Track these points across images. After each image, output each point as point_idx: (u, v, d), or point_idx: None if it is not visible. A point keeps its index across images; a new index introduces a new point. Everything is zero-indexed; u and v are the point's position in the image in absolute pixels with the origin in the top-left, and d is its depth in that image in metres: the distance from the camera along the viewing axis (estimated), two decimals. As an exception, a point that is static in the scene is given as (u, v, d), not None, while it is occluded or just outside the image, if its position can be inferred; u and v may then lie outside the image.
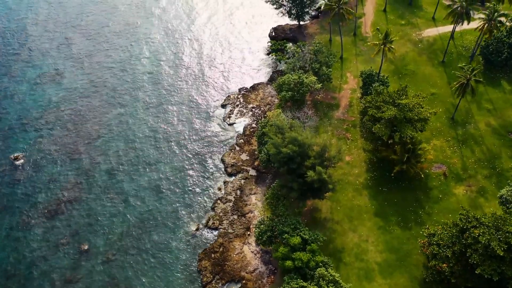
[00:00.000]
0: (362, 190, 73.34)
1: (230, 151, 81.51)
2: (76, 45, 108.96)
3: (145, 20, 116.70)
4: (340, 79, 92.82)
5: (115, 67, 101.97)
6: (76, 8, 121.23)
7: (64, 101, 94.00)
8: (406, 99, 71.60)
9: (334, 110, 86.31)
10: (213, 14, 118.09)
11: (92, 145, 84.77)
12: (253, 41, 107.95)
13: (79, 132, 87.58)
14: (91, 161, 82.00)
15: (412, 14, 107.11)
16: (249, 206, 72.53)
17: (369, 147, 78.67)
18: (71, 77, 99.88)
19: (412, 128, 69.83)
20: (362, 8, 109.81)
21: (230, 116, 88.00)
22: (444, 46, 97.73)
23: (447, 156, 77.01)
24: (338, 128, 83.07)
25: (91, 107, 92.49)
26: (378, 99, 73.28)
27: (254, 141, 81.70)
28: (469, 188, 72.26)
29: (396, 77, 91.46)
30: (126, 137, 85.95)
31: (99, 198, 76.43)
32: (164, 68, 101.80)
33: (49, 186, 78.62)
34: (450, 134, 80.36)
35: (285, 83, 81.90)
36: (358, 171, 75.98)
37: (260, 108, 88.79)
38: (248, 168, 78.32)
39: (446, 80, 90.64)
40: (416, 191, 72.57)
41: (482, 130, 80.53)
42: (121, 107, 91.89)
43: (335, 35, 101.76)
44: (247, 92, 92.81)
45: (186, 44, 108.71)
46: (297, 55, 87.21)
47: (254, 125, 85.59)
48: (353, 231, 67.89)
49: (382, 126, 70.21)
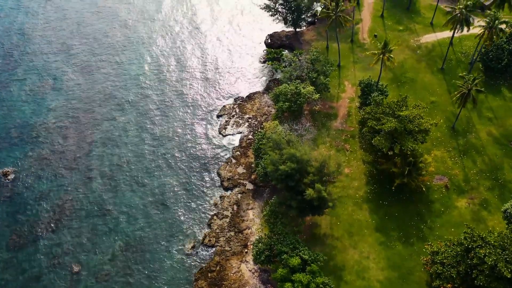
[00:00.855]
0: (362, 204, 71.44)
1: (226, 164, 79.36)
2: (70, 54, 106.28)
3: (140, 30, 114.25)
4: (338, 87, 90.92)
5: (106, 78, 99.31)
6: (72, 15, 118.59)
7: (56, 113, 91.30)
8: (406, 110, 69.82)
9: (332, 120, 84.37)
10: (207, 22, 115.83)
11: (84, 159, 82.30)
12: (249, 48, 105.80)
13: (71, 145, 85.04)
14: (83, 176, 79.56)
15: (410, 19, 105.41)
16: (246, 222, 70.43)
17: (368, 159, 76.86)
18: (63, 87, 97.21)
19: (413, 140, 68.05)
20: (359, 13, 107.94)
21: (226, 127, 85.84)
22: (442, 53, 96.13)
23: (448, 167, 75.27)
24: (336, 139, 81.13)
25: (83, 119, 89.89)
26: (378, 110, 71.43)
27: (251, 153, 79.61)
28: (471, 200, 70.55)
29: (394, 85, 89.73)
30: (119, 151, 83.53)
31: (91, 215, 74.04)
32: (158, 79, 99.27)
33: (40, 203, 76.10)
34: (451, 144, 78.64)
35: (281, 93, 79.91)
36: (358, 183, 74.08)
37: (256, 119, 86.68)
38: (245, 181, 76.22)
39: (446, 88, 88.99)
40: (417, 204, 70.79)
41: (484, 139, 78.88)
42: (113, 120, 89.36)
43: (332, 41, 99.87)
44: (243, 102, 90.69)
45: (181, 53, 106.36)
46: (293, 64, 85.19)
47: (250, 136, 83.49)
48: (354, 247, 65.99)
49: (382, 138, 68.38)
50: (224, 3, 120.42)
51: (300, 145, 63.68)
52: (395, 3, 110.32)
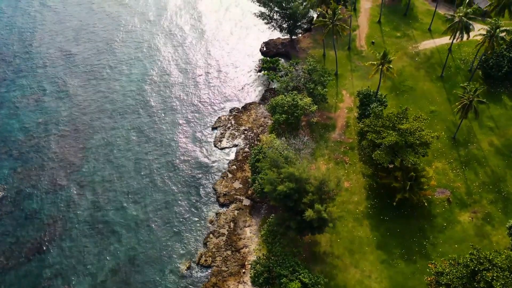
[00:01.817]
0: (362, 219, 69.35)
1: (222, 178, 76.98)
2: (60, 65, 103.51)
3: (132, 38, 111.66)
4: (336, 97, 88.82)
5: (100, 89, 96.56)
6: (67, 21, 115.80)
7: (46, 126, 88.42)
8: (406, 123, 67.84)
9: (330, 131, 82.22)
10: (201, 30, 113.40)
11: (75, 175, 79.59)
12: (244, 56, 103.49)
13: (62, 160, 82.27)
14: (74, 193, 76.86)
15: (408, 25, 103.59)
16: (244, 241, 68.10)
17: (368, 172, 74.84)
18: (54, 99, 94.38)
19: (414, 154, 66.09)
20: (356, 19, 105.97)
21: (222, 140, 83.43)
22: (441, 59, 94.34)
23: (450, 179, 73.36)
24: (335, 151, 79.01)
25: (74, 132, 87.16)
26: (378, 123, 69.42)
27: (247, 167, 77.31)
28: (474, 215, 68.66)
29: (393, 94, 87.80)
30: (111, 166, 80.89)
31: (82, 234, 71.38)
32: (152, 89, 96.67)
33: (30, 221, 73.33)
34: (452, 156, 76.76)
35: (278, 105, 77.70)
36: (358, 198, 71.99)
37: (252, 131, 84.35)
38: (242, 197, 73.86)
39: (446, 96, 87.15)
40: (419, 219, 68.78)
41: (485, 150, 77.06)
42: (106, 133, 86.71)
43: (329, 49, 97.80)
44: (239, 113, 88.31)
45: (174, 64, 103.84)
46: (290, 74, 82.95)
47: (247, 149, 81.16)
48: (355, 266, 63.84)
49: (382, 152, 66.38)
50: (217, 11, 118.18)
51: (298, 161, 61.41)
52: (392, 9, 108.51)
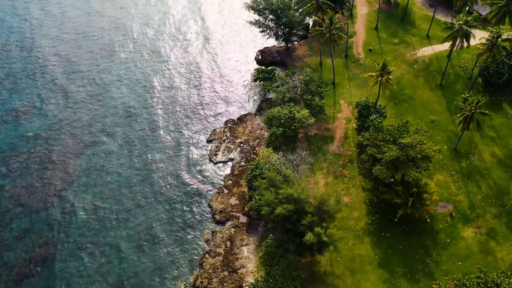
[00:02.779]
0: (363, 236, 67.18)
1: (218, 194, 74.51)
2: (50, 77, 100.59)
3: (123, 47, 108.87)
4: (333, 107, 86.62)
5: (90, 102, 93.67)
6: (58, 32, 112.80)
7: (36, 141, 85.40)
8: (407, 137, 65.78)
9: (328, 143, 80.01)
10: (195, 38, 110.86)
11: (64, 193, 76.75)
12: (239, 65, 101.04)
13: (52, 177, 79.35)
14: (64, 212, 74.05)
15: (405, 31, 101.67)
16: (241, 260, 65.69)
17: (368, 186, 72.75)
18: (43, 113, 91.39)
19: (416, 169, 64.06)
20: (353, 26, 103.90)
21: (217, 154, 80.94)
22: (440, 66, 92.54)
23: (452, 193, 71.40)
24: (334, 164, 76.81)
25: (65, 147, 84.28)
26: (378, 136, 67.33)
27: (244, 182, 74.92)
28: (478, 230, 66.74)
29: (392, 103, 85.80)
30: (103, 182, 78.10)
31: (73, 255, 68.59)
32: (144, 101, 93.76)
33: (19, 243, 70.43)
34: (454, 168, 74.81)
35: (275, 117, 75.44)
36: (358, 214, 69.83)
37: (248, 143, 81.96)
38: (238, 214, 71.46)
39: (445, 105, 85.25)
40: (421, 236, 66.72)
41: (487, 161, 75.19)
42: (96, 147, 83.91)
43: (325, 56, 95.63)
44: (234, 125, 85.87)
45: (168, 72, 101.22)
46: (286, 85, 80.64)
47: (243, 163, 78.74)
48: (356, 286, 61.61)
49: (383, 167, 64.29)
50: (210, 18, 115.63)
51: (296, 180, 59.11)
52: (389, 14, 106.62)
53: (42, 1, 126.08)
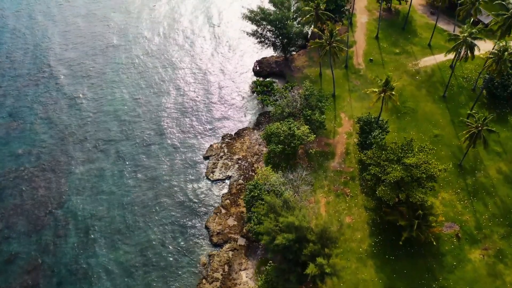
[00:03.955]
0: (366, 259, 64.59)
1: (215, 215, 71.71)
2: (41, 89, 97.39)
3: (117, 58, 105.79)
4: (334, 120, 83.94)
5: (82, 116, 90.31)
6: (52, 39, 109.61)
7: (25, 158, 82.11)
8: (412, 156, 63.21)
9: (329, 159, 77.35)
10: (190, 49, 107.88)
11: (55, 214, 73.74)
12: (236, 76, 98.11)
13: (42, 196, 76.23)
14: (54, 234, 71.00)
15: (406, 40, 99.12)
16: (239, 286, 62.97)
17: (371, 205, 70.19)
18: (34, 127, 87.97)
19: (421, 189, 61.52)
20: (353, 35, 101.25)
21: (214, 171, 78.11)
22: (443, 77, 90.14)
23: (458, 212, 68.93)
24: (335, 182, 74.16)
25: (56, 164, 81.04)
26: (381, 156, 64.74)
27: (242, 201, 72.17)
28: (485, 252, 64.31)
29: (394, 116, 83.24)
30: (95, 202, 75.09)
31: (64, 281, 65.61)
32: (137, 115, 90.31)
33: (8, 267, 67.37)
34: (459, 185, 72.34)
35: (274, 134, 72.75)
36: (361, 235, 67.22)
37: (247, 160, 79.17)
38: (236, 236, 68.69)
39: (449, 118, 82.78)
40: (427, 258, 64.22)
41: (494, 178, 72.78)
42: (89, 164, 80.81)
43: (325, 67, 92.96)
44: (232, 140, 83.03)
45: (161, 84, 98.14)
46: (285, 100, 77.90)
47: (241, 181, 75.97)
48: (360, 314, 59.20)
49: (387, 188, 61.75)
50: (206, 28, 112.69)
51: (297, 204, 56.40)
52: (390, 23, 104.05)
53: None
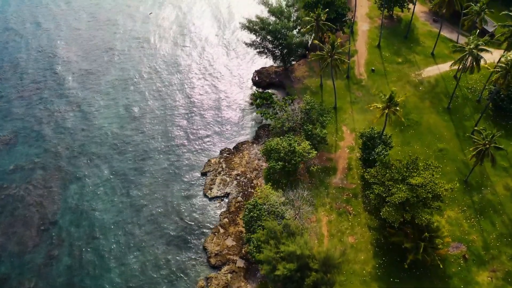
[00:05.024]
0: (370, 282, 62.19)
1: (213, 234, 69.23)
2: (34, 103, 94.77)
3: (112, 71, 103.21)
4: (335, 134, 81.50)
5: (75, 131, 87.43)
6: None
7: (17, 174, 79.49)
8: (417, 175, 60.82)
9: (331, 175, 74.91)
10: (187, 59, 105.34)
11: (49, 232, 71.15)
12: (234, 87, 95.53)
13: (34, 214, 73.66)
14: (47, 256, 68.44)
15: (409, 49, 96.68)
16: (239, 312, 60.62)
17: (375, 224, 67.79)
18: (27, 142, 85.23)
19: (427, 210, 59.16)
20: (354, 44, 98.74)
21: (212, 188, 75.58)
22: (447, 88, 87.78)
23: (464, 231, 66.57)
24: (337, 199, 71.72)
25: (48, 181, 78.38)
26: (385, 175, 62.34)
27: (240, 220, 69.72)
28: (493, 274, 61.96)
29: (398, 130, 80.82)
30: (88, 221, 72.43)
31: (56, 306, 63.30)
32: (132, 129, 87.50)
33: (-4, 292, 65.10)
34: (466, 202, 69.97)
35: (273, 150, 70.31)
36: (365, 256, 64.80)
37: (245, 176, 76.69)
38: (235, 257, 66.23)
39: (454, 131, 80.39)
40: (433, 280, 61.85)
41: (501, 195, 70.43)
42: (82, 181, 78.23)
43: (326, 78, 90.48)
44: (230, 155, 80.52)
45: (157, 94, 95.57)
46: (285, 114, 75.42)
47: (240, 198, 73.50)
48: None
49: (391, 209, 59.37)
50: (204, 37, 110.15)
51: (298, 229, 53.96)
52: (392, 31, 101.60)
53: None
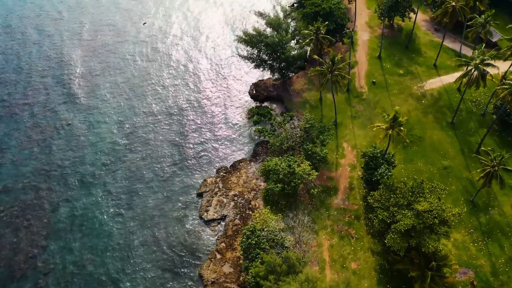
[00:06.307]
0: (375, 312, 59.49)
1: (210, 260, 66.17)
2: (23, 117, 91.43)
3: (101, 86, 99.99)
4: (336, 151, 78.58)
5: (63, 147, 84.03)
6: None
7: (4, 196, 76.24)
8: (423, 200, 58.01)
9: (332, 196, 72.01)
10: (184, 72, 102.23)
11: (37, 260, 67.83)
12: (231, 101, 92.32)
13: (22, 240, 70.32)
14: (36, 283, 65.14)
15: (411, 60, 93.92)
16: None
17: (378, 248, 64.97)
18: (14, 160, 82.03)
19: (434, 237, 56.38)
20: (354, 54, 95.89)
21: (208, 210, 72.49)
22: (450, 101, 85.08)
23: (472, 255, 63.81)
24: (338, 221, 68.82)
25: (36, 204, 74.89)
26: (390, 199, 59.49)
27: (238, 244, 66.69)
28: (503, 302, 59.34)
29: (401, 146, 77.88)
30: (77, 246, 69.16)
31: None
32: (124, 145, 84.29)
33: (-19, 324, 61.85)
34: (472, 224, 67.24)
35: (272, 171, 67.38)
36: (368, 284, 61.93)
37: (243, 196, 73.65)
38: (233, 285, 63.21)
39: (459, 147, 77.67)
40: (440, 310, 59.09)
41: (509, 216, 67.74)
42: (73, 203, 74.88)
43: (325, 91, 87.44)
44: (227, 174, 77.45)
45: (152, 108, 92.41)
46: (284, 133, 72.46)
47: (237, 220, 70.49)
48: None
49: (396, 236, 56.55)
50: (200, 48, 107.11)
51: (299, 263, 51.04)
52: (393, 41, 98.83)
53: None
